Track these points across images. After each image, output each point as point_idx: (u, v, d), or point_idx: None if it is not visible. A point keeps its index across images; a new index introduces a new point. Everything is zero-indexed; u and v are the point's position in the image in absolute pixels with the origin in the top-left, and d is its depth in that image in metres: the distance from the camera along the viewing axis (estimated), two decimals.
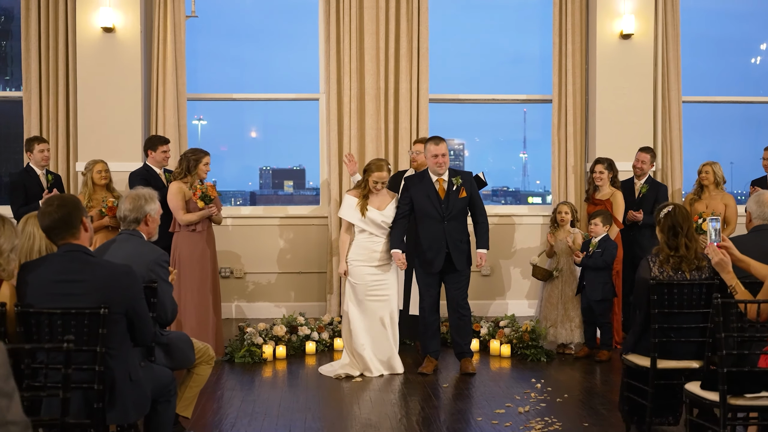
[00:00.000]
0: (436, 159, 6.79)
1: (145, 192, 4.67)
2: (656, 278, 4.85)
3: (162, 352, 4.63)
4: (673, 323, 4.86)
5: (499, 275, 9.76)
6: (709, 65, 10.91)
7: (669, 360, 4.91)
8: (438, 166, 6.80)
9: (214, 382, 6.61)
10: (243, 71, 10.76)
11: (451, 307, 6.96)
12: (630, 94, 9.49)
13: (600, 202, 8.04)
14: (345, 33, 9.24)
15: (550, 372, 7.01)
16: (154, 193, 4.75)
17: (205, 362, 4.98)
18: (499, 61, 10.93)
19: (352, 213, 6.86)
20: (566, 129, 9.56)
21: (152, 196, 4.68)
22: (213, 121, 10.73)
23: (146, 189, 4.74)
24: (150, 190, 4.74)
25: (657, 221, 5.03)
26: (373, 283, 6.85)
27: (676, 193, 9.56)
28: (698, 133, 10.62)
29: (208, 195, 6.95)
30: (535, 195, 11.71)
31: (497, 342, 7.70)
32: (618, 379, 6.61)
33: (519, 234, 9.79)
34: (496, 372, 7.09)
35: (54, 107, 9.09)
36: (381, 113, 9.33)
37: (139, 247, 4.55)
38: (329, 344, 7.88)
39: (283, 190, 11.68)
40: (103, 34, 8.99)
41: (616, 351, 7.65)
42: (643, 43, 9.50)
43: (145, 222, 4.63)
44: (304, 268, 9.59)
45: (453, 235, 6.80)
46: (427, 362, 6.98)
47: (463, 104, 10.19)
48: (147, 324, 3.94)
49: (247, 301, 9.55)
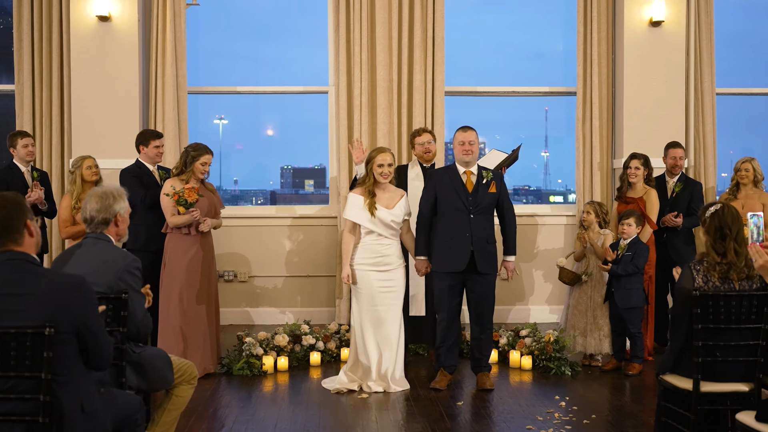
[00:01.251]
0: (463, 147, 6.26)
1: (113, 189, 4.11)
2: (700, 288, 4.23)
3: (134, 371, 4.08)
4: (720, 340, 4.25)
5: (519, 278, 9.15)
6: (738, 58, 10.27)
7: (714, 382, 4.30)
8: (465, 153, 6.25)
9: (208, 397, 6.06)
10: (249, 64, 10.29)
11: (473, 316, 6.37)
12: (660, 85, 8.85)
13: (632, 200, 7.43)
14: (355, 21, 8.67)
15: (576, 388, 6.39)
16: (122, 189, 4.20)
17: (186, 382, 4.42)
18: (520, 55, 10.42)
19: (358, 213, 6.27)
20: (591, 123, 8.95)
21: (120, 193, 4.12)
22: (231, 120, 10.34)
23: (113, 186, 4.20)
24: (118, 187, 4.19)
25: (702, 222, 4.41)
26: (381, 289, 6.26)
27: (709, 191, 8.92)
28: (730, 128, 9.98)
29: (185, 199, 6.36)
30: (556, 194, 11.25)
31: (517, 353, 7.09)
32: (651, 396, 6.01)
33: (541, 235, 9.19)
34: (516, 387, 6.48)
35: (47, 101, 8.60)
36: (394, 106, 8.75)
37: (106, 253, 4.00)
38: (336, 354, 7.31)
39: (303, 189, 11.48)
40: (98, 24, 8.48)
41: (647, 363, 7.06)
42: (674, 30, 8.85)
43: (114, 222, 4.07)
44: (312, 271, 9.03)
45: (479, 232, 6.18)
46: (441, 376, 6.38)
47: (482, 102, 9.58)
48: (103, 346, 3.36)
49: (251, 307, 9.00)
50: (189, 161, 6.54)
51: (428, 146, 7.08)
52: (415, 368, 6.97)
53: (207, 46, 9.85)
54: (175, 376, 4.34)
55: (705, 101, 9.00)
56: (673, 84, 8.89)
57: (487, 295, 6.30)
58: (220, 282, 8.91)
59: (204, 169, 6.59)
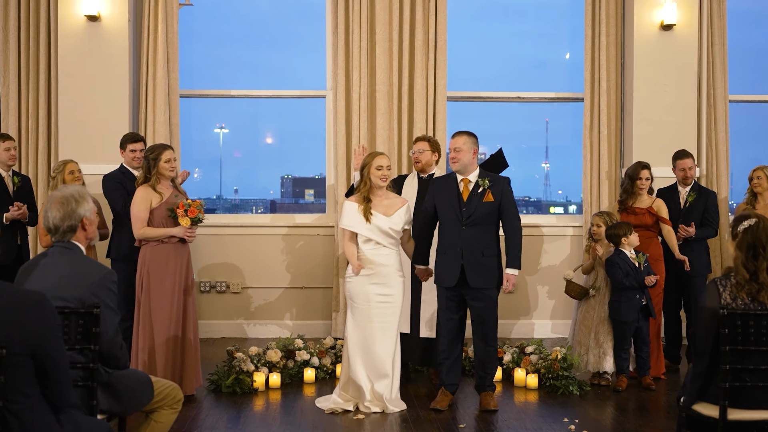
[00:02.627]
0: (449, 154, 5.98)
1: (73, 191, 3.72)
2: (728, 307, 3.86)
3: (106, 393, 3.71)
4: (749, 364, 3.88)
5: (524, 292, 8.80)
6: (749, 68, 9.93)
7: (742, 410, 3.93)
8: (451, 161, 5.95)
9: (192, 418, 5.68)
10: (245, 69, 9.96)
11: (476, 332, 5.99)
12: (671, 91, 8.53)
13: (641, 210, 7.09)
14: (354, 23, 8.35)
15: (585, 409, 6.01)
16: (84, 189, 3.81)
17: (168, 406, 4.03)
18: (524, 64, 10.07)
19: (354, 221, 5.89)
20: (599, 130, 8.60)
21: (82, 194, 3.73)
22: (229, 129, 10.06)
23: (72, 187, 3.80)
24: (79, 188, 3.80)
25: (733, 235, 4.04)
26: (378, 303, 5.88)
27: (722, 202, 8.56)
28: (743, 136, 9.64)
29: (198, 216, 5.99)
30: (557, 205, 10.94)
31: (523, 371, 6.72)
32: (666, 420, 5.65)
33: (546, 246, 8.83)
34: (521, 408, 6.10)
35: (34, 103, 8.28)
36: (394, 112, 8.42)
37: (78, 264, 3.63)
38: (331, 371, 6.92)
39: (303, 198, 11.28)
40: (87, 23, 8.17)
41: (659, 382, 6.72)
42: (686, 34, 8.53)
43: (82, 227, 3.70)
44: (308, 282, 8.68)
45: (472, 244, 5.81)
46: (442, 396, 6.00)
47: (485, 111, 9.26)
48: (63, 373, 2.97)
49: (245, 319, 8.64)
50: (152, 165, 6.04)
51: (418, 155, 6.71)
52: (415, 386, 6.60)
53: (203, 52, 9.54)
54: (157, 399, 3.97)
55: (718, 108, 8.66)
56: (685, 90, 8.56)
57: (488, 310, 5.91)
58: (211, 293, 8.58)
59: (169, 166, 6.06)
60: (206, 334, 8.33)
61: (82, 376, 3.59)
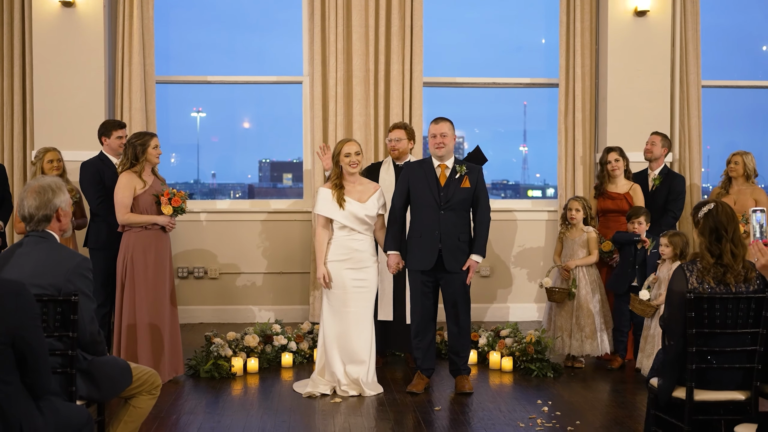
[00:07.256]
0: (435, 139, 5.99)
1: (50, 181, 3.75)
2: (695, 291, 3.96)
3: (85, 380, 3.76)
4: (715, 346, 3.98)
5: (499, 275, 8.89)
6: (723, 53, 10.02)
7: (708, 391, 4.04)
8: (437, 147, 5.98)
9: (171, 403, 5.72)
10: (222, 55, 9.91)
11: (449, 316, 6.08)
12: (645, 76, 8.61)
13: (618, 196, 7.16)
14: (330, 8, 8.36)
15: (559, 391, 6.11)
16: (60, 181, 3.85)
17: (146, 392, 4.07)
18: (501, 48, 10.10)
19: (328, 207, 5.96)
20: (574, 116, 8.68)
21: (59, 185, 3.76)
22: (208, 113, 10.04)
23: (50, 177, 3.84)
24: (56, 179, 3.84)
25: (695, 222, 4.14)
26: (354, 288, 5.96)
27: (694, 187, 8.68)
28: (716, 122, 9.75)
29: (181, 206, 6.07)
30: (535, 188, 11.00)
31: (497, 354, 6.81)
32: (638, 402, 5.76)
33: (521, 231, 8.91)
34: (497, 391, 6.19)
35: (8, 90, 8.25)
36: (370, 98, 8.45)
37: (53, 253, 3.66)
38: (308, 356, 6.99)
39: (282, 183, 11.16)
40: (61, 9, 8.12)
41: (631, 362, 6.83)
42: (659, 20, 8.61)
43: (57, 218, 3.72)
44: (285, 267, 8.72)
45: (449, 229, 5.88)
46: (418, 380, 6.09)
47: (462, 96, 9.32)
48: (43, 362, 3.02)
49: (222, 305, 8.67)
50: (140, 152, 6.10)
51: (395, 144, 6.76)
52: (392, 370, 6.68)
53: (179, 36, 9.51)
54: (135, 385, 4.01)
55: (690, 94, 8.76)
56: (659, 75, 8.65)
57: (461, 294, 6.00)
58: (189, 279, 8.61)
59: (157, 152, 6.16)
60: (184, 320, 8.34)
61: (61, 362, 3.63)
